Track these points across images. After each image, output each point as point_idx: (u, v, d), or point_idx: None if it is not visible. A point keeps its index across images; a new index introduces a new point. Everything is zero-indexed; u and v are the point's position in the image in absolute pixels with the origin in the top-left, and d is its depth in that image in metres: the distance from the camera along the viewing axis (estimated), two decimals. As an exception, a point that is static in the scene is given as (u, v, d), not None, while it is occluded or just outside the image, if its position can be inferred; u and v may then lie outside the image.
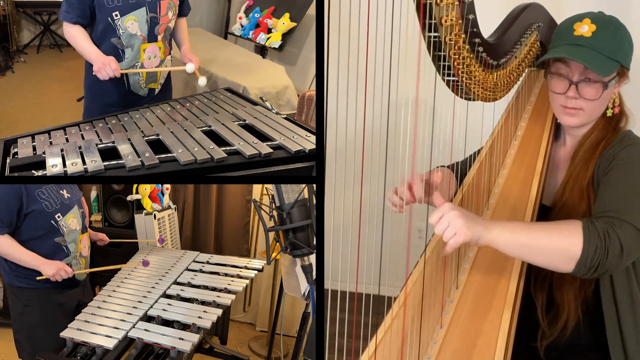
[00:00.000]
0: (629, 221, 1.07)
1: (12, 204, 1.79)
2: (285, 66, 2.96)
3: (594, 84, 1.24)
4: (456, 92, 1.26)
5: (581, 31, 1.24)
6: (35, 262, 1.82)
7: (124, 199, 2.68)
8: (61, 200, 1.89)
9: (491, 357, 1.04)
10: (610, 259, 1.05)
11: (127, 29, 1.88)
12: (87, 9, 1.86)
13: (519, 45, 1.38)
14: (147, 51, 1.95)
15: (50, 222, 1.85)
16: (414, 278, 1.21)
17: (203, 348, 2.13)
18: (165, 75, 2.13)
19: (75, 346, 1.63)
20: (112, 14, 1.86)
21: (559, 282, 1.27)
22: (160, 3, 1.92)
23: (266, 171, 1.40)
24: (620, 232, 1.06)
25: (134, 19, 1.88)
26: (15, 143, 1.55)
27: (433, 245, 1.28)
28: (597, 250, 1.04)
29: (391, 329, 1.12)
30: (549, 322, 1.30)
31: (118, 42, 1.89)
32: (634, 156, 1.22)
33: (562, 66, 1.27)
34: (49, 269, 1.82)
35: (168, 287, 2.00)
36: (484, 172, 1.41)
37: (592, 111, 1.28)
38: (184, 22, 2.21)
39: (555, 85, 1.29)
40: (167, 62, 2.07)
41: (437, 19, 1.10)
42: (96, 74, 1.84)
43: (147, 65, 1.97)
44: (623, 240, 1.05)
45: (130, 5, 1.87)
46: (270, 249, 1.26)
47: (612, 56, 1.22)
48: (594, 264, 1.05)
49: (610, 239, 1.05)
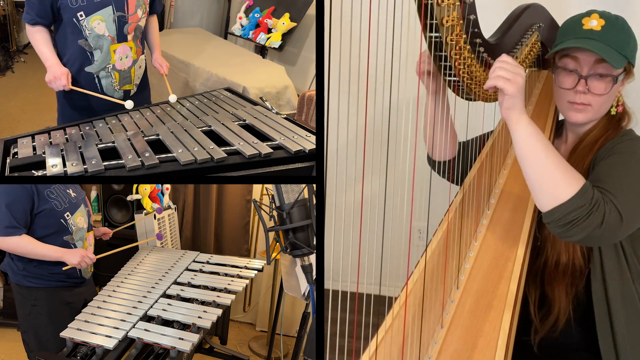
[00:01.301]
0: (618, 207, 1.08)
1: (26, 204, 1.80)
2: (285, 66, 2.96)
3: (604, 78, 1.24)
4: (457, 93, 1.26)
5: (590, 25, 1.24)
6: (57, 254, 1.85)
7: (124, 199, 2.68)
8: (69, 199, 1.90)
9: (491, 357, 1.04)
10: (585, 225, 1.05)
11: (94, 29, 1.79)
12: (49, 9, 1.78)
13: (520, 45, 1.38)
14: (117, 52, 1.87)
15: (59, 220, 1.86)
16: (414, 278, 1.21)
17: (203, 348, 2.13)
18: (141, 75, 2.04)
19: (75, 346, 1.63)
20: (77, 14, 1.77)
21: (550, 278, 1.27)
22: (128, 1, 1.84)
23: (266, 171, 1.40)
24: (607, 209, 1.06)
25: (100, 19, 1.80)
26: (15, 143, 1.55)
27: (434, 245, 1.28)
28: (582, 209, 1.05)
29: (392, 329, 1.11)
30: (541, 318, 1.30)
31: (85, 44, 1.81)
32: (633, 149, 1.23)
33: (570, 61, 1.27)
34: (73, 257, 1.85)
35: (168, 287, 2.00)
36: (484, 172, 1.41)
37: (600, 107, 1.28)
38: (155, 20, 2.13)
39: (564, 80, 1.29)
40: (140, 61, 1.99)
41: (438, 19, 1.10)
42: (48, 84, 1.78)
43: (119, 66, 1.89)
44: (606, 218, 1.06)
45: (95, 5, 1.78)
46: (270, 249, 1.26)
47: (621, 51, 1.23)
48: (570, 218, 1.06)
49: (597, 210, 1.05)
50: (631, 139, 1.26)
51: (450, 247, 1.26)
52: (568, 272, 1.25)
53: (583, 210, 1.05)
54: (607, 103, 1.28)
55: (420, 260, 1.26)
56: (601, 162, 1.22)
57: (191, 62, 2.99)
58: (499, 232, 1.28)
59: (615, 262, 1.24)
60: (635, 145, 1.24)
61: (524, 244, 1.23)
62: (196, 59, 3.00)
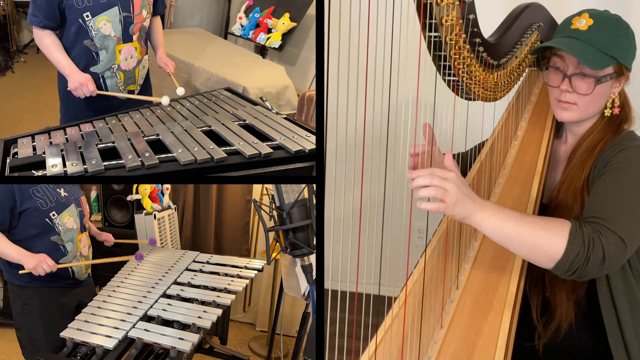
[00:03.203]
0: (615, 230, 1.06)
1: (4, 202, 1.77)
2: (285, 66, 2.96)
3: (587, 78, 1.24)
4: (456, 92, 1.26)
5: (578, 25, 1.24)
6: (17, 256, 1.80)
7: (124, 199, 2.68)
8: (57, 198, 1.88)
9: (491, 358, 1.04)
10: (589, 267, 1.05)
11: (100, 30, 1.79)
12: (56, 10, 1.78)
13: (520, 45, 1.38)
14: (122, 52, 1.87)
15: (45, 220, 1.84)
16: (414, 278, 1.21)
17: (203, 348, 2.13)
18: (144, 75, 2.05)
19: (75, 346, 1.63)
20: (83, 14, 1.77)
21: (552, 283, 1.27)
22: (134, 1, 1.84)
23: (266, 171, 1.40)
24: (605, 241, 1.05)
25: (107, 19, 1.80)
26: (15, 143, 1.55)
27: (433, 245, 1.28)
28: (579, 256, 1.04)
29: (391, 329, 1.11)
30: (544, 324, 1.30)
31: (91, 45, 1.81)
32: (628, 160, 1.20)
33: (558, 60, 1.28)
34: (29, 261, 1.79)
35: (168, 287, 2.00)
36: (484, 172, 1.41)
37: (587, 107, 1.27)
38: (159, 21, 2.13)
39: (551, 78, 1.30)
40: (144, 61, 2.01)
41: (438, 18, 1.10)
42: (71, 91, 1.77)
43: (123, 66, 1.90)
44: (607, 250, 1.04)
45: (102, 5, 1.78)
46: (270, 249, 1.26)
47: (607, 51, 1.22)
48: (573, 268, 1.05)
49: (594, 248, 1.04)
50: (627, 148, 1.23)
51: (450, 247, 1.26)
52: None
53: (581, 257, 1.04)
54: (595, 103, 1.27)
55: (419, 260, 1.26)
56: (596, 183, 1.20)
57: (191, 62, 2.99)
58: (498, 232, 1.28)
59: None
60: (631, 156, 1.21)
61: (524, 244, 1.23)
62: (196, 59, 3.00)
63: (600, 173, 1.21)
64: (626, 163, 1.19)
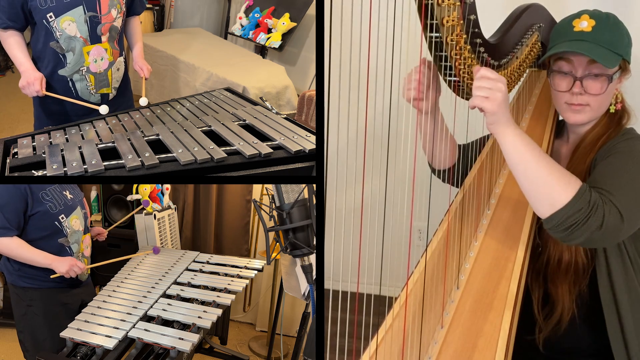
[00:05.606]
0: (617, 206, 1.07)
1: (19, 206, 1.79)
2: (285, 66, 2.96)
3: (599, 78, 1.24)
4: (457, 93, 1.26)
5: (581, 27, 1.25)
6: (46, 261, 1.82)
7: (124, 199, 2.68)
8: (64, 201, 1.89)
9: (492, 357, 1.04)
10: (585, 228, 1.05)
11: (65, 30, 1.73)
12: (20, 12, 1.73)
13: (520, 45, 1.38)
14: (91, 54, 1.80)
15: (54, 223, 1.85)
16: (414, 278, 1.21)
17: (203, 348, 2.13)
18: (120, 78, 1.96)
19: (75, 346, 1.63)
20: (47, 15, 1.71)
21: (553, 276, 1.27)
22: (100, 1, 1.77)
23: (266, 171, 1.40)
24: (607, 211, 1.06)
25: (71, 20, 1.73)
26: (15, 143, 1.55)
27: (434, 245, 1.28)
28: (580, 212, 1.04)
29: (392, 328, 1.11)
30: (545, 317, 1.30)
31: (57, 46, 1.75)
32: (632, 147, 1.22)
33: (564, 63, 1.28)
34: (61, 265, 1.83)
35: (168, 287, 2.00)
36: (485, 172, 1.41)
37: (599, 106, 1.28)
38: (137, 21, 2.06)
39: (559, 83, 1.29)
40: (118, 63, 1.92)
41: (439, 19, 1.10)
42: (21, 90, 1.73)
43: (93, 68, 1.82)
44: (606, 219, 1.05)
45: (65, 5, 1.71)
46: (270, 249, 1.26)
47: (614, 49, 1.23)
48: (569, 222, 1.05)
49: (596, 211, 1.05)
50: (631, 138, 1.26)
51: (451, 247, 1.26)
52: (571, 270, 1.25)
53: (582, 214, 1.04)
54: (606, 102, 1.29)
55: (420, 260, 1.26)
56: (601, 162, 1.22)
57: (191, 62, 2.99)
58: (499, 232, 1.28)
59: (619, 260, 1.23)
60: (634, 144, 1.24)
61: (525, 243, 1.23)
62: (196, 59, 3.01)
63: (605, 157, 1.23)
64: (629, 149, 1.22)
